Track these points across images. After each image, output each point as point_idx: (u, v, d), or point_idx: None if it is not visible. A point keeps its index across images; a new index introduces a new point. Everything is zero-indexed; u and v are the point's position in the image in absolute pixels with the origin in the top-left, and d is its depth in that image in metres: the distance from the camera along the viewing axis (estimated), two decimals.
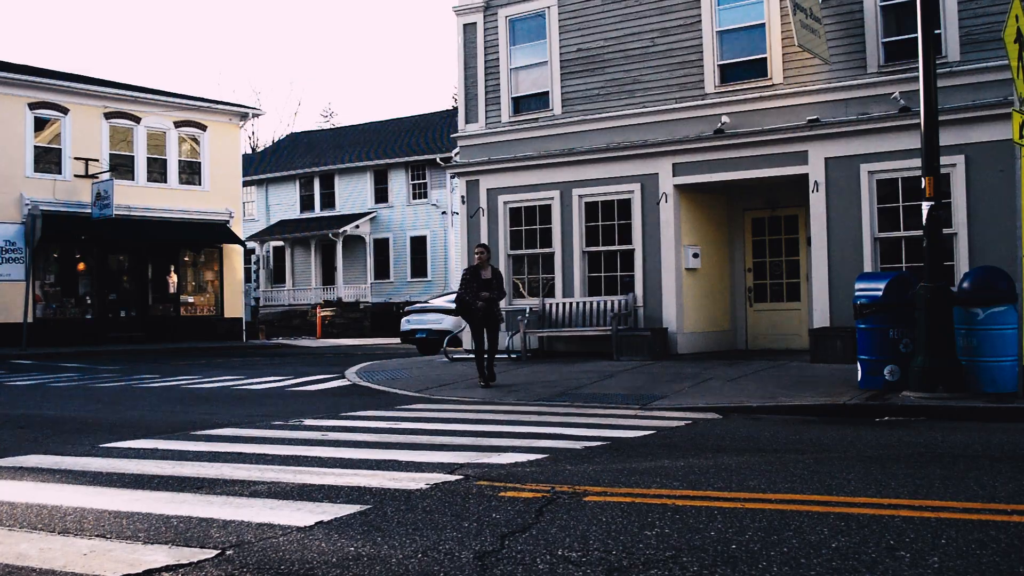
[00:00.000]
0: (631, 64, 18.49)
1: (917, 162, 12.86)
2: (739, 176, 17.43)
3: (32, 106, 29.54)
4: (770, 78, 16.99)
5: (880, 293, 11.76)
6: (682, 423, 9.86)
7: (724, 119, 17.24)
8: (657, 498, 5.81)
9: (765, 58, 17.05)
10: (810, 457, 7.38)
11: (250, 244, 43.39)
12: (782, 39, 16.65)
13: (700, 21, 17.69)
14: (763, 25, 17.05)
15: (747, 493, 5.93)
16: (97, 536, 5.02)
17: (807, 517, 5.22)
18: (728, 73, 17.54)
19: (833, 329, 15.66)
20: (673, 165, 18.01)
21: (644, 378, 14.06)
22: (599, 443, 8.29)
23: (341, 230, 42.29)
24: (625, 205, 18.64)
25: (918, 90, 11.43)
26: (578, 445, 8.16)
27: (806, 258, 18.20)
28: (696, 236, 18.51)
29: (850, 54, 16.28)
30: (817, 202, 16.50)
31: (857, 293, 12.04)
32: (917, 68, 11.45)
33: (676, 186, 18.03)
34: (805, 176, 16.71)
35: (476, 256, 14.23)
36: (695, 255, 18.29)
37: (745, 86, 17.28)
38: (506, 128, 20.10)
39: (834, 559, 4.38)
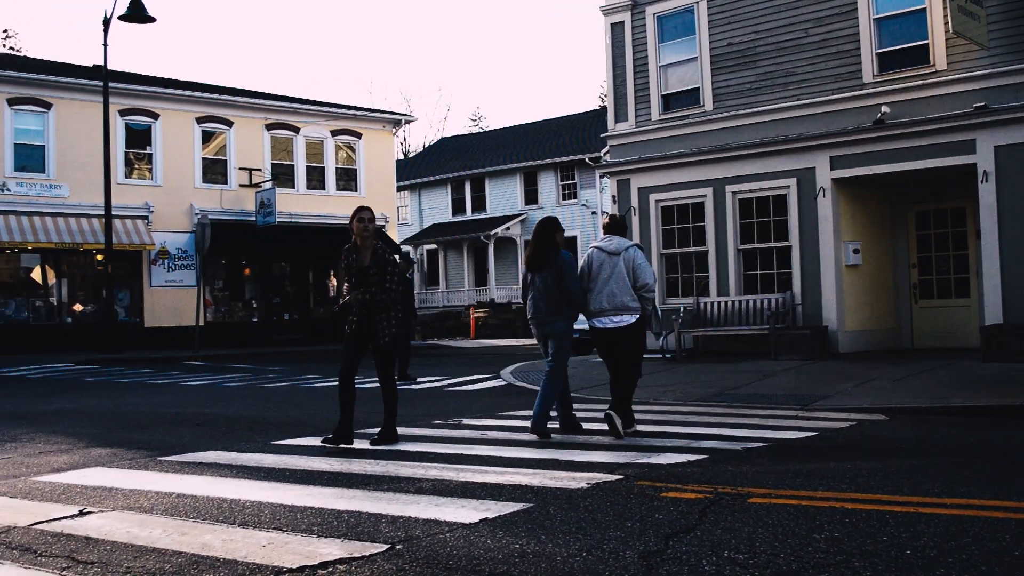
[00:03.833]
0: (784, 56, 18.06)
1: None
2: (901, 168, 16.79)
3: (199, 120, 31.07)
4: (932, 64, 16.30)
5: None
6: (846, 424, 9.57)
7: (884, 109, 16.65)
8: (824, 501, 5.66)
9: (927, 44, 16.37)
10: (985, 461, 7.05)
11: (404, 247, 44.43)
12: (944, 23, 15.94)
13: (856, 9, 17.12)
14: (924, 10, 16.38)
15: (920, 497, 5.72)
16: (274, 529, 5.25)
17: (986, 523, 4.99)
18: (887, 61, 16.92)
19: (1007, 326, 14.89)
20: (830, 158, 17.50)
21: (804, 378, 13.70)
22: (760, 444, 8.13)
23: (492, 232, 42.80)
24: (781, 201, 18.21)
25: None
26: (738, 446, 8.03)
27: (975, 252, 17.35)
28: (856, 231, 17.92)
29: (1019, 36, 15.45)
30: (987, 193, 15.73)
31: None
32: None
33: (834, 180, 17.51)
34: (972, 166, 15.95)
35: (353, 226, 8.47)
36: (856, 251, 17.70)
37: (905, 74, 16.63)
38: (656, 126, 19.95)
39: (1018, 568, 4.17)
